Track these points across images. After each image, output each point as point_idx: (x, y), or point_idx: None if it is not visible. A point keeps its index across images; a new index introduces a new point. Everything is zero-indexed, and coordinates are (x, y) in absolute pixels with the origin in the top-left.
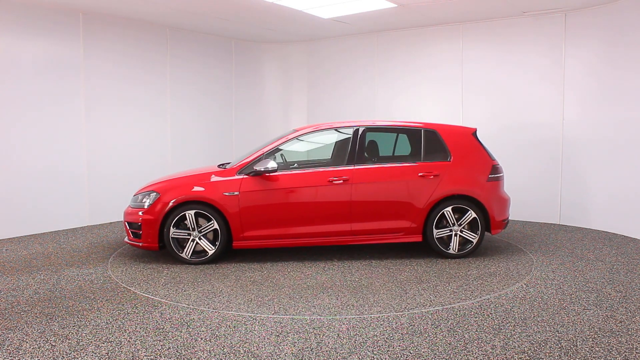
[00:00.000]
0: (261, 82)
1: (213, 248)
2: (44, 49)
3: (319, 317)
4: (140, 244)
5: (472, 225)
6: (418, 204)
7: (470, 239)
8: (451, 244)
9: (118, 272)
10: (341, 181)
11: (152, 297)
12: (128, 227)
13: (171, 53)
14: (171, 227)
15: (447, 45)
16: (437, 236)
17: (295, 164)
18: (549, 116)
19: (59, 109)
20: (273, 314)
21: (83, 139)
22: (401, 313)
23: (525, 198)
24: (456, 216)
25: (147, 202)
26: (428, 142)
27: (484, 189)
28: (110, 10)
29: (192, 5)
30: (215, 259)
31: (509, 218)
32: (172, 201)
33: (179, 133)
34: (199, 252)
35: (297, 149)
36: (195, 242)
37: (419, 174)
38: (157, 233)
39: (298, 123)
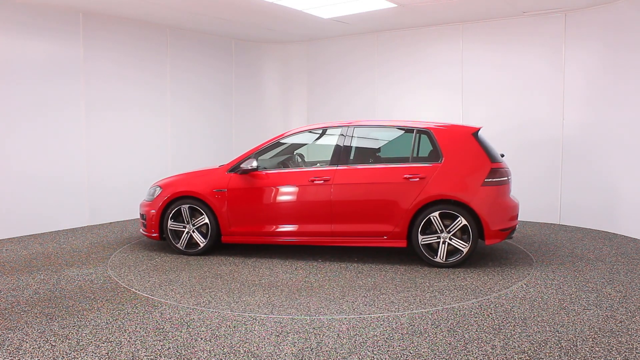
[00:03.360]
0: (261, 82)
1: (204, 241)
2: (43, 49)
3: (318, 317)
4: (154, 234)
5: (464, 233)
6: (401, 207)
7: (460, 247)
8: (439, 252)
9: (118, 272)
10: (322, 181)
11: (151, 297)
12: (141, 219)
13: (171, 53)
14: (169, 220)
15: (447, 45)
16: (422, 242)
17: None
18: (549, 116)
19: (58, 109)
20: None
21: (83, 139)
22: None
23: (525, 198)
24: (447, 222)
25: (152, 196)
26: (420, 142)
27: (477, 193)
28: (110, 10)
29: (192, 5)
30: (207, 251)
31: (515, 227)
32: (168, 195)
33: (179, 133)
34: (193, 244)
35: (288, 149)
36: (189, 234)
37: (404, 176)
38: (158, 224)
39: (298, 123)
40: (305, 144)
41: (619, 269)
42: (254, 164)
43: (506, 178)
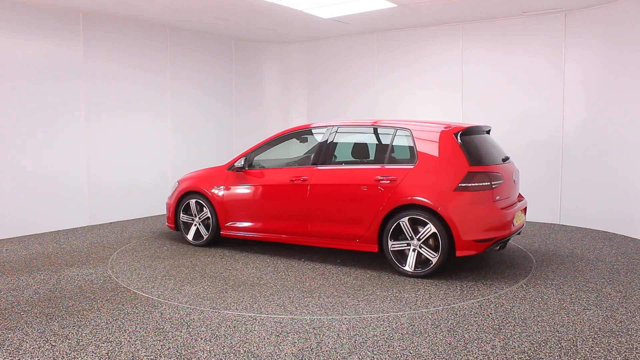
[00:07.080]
0: (261, 82)
1: (207, 233)
2: (43, 49)
3: (319, 317)
4: (171, 225)
5: (436, 241)
6: (371, 210)
7: (430, 257)
8: (408, 260)
9: (118, 272)
10: (300, 181)
11: (152, 297)
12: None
13: (171, 53)
14: (180, 213)
15: (447, 45)
16: (392, 249)
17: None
18: (549, 116)
19: (58, 109)
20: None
21: (83, 139)
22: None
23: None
24: (421, 229)
25: (173, 190)
26: (398, 142)
27: (447, 199)
28: (110, 10)
29: (192, 5)
30: (211, 244)
31: (503, 238)
32: (180, 190)
33: (179, 133)
34: (200, 236)
35: (281, 149)
36: (196, 227)
37: (376, 178)
38: (173, 216)
39: (298, 122)
40: (298, 144)
41: (619, 269)
42: (242, 162)
43: (488, 183)
